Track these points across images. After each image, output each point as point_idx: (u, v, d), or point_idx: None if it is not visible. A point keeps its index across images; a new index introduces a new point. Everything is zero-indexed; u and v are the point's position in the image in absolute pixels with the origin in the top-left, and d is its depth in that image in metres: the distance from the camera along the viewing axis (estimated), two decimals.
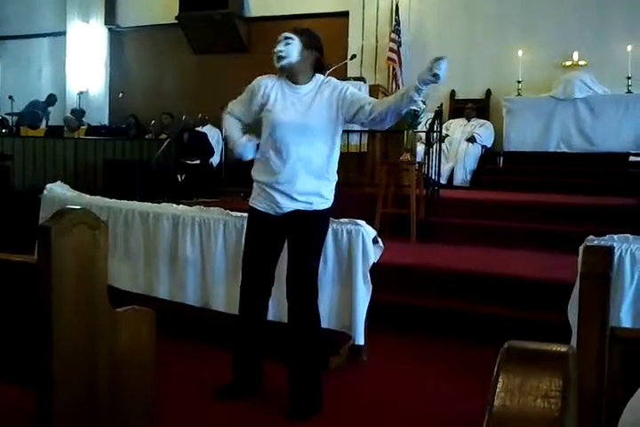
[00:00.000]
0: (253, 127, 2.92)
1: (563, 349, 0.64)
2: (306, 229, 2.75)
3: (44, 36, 11.81)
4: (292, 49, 2.66)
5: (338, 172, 2.84)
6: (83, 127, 9.68)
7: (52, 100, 10.26)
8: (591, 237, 2.94)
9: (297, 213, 2.73)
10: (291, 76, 2.74)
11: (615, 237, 2.96)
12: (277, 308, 3.19)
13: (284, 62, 2.67)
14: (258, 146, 2.84)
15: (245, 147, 2.81)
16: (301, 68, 2.72)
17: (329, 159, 2.74)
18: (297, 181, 2.70)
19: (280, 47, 2.67)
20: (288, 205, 2.73)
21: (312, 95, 2.72)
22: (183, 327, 3.64)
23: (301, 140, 2.67)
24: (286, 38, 2.68)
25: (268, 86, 2.77)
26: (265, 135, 2.77)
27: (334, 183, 2.83)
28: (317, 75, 2.78)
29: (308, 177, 2.70)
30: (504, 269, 4.14)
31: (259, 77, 2.83)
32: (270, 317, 3.04)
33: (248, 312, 2.88)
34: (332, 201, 2.81)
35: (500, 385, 0.61)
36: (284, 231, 2.78)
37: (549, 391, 0.60)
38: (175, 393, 2.86)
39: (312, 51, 2.72)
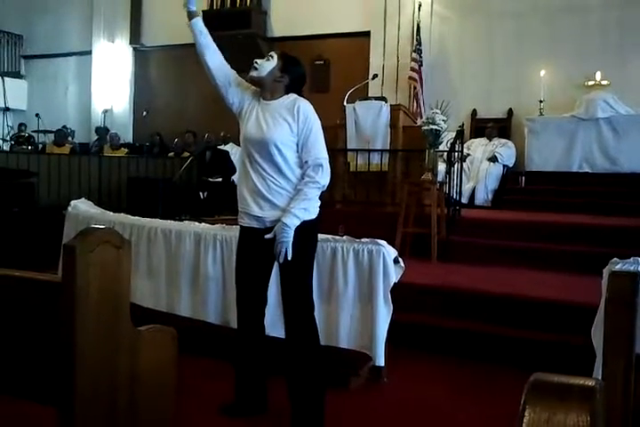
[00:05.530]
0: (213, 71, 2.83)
1: (590, 383, 0.63)
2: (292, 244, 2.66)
3: (70, 55, 12.06)
4: (266, 65, 2.75)
5: (357, 191, 2.82)
6: (123, 149, 9.65)
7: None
8: (615, 259, 2.90)
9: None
10: (261, 91, 2.80)
11: None
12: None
13: (253, 73, 2.76)
14: None
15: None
16: (268, 86, 2.77)
17: (294, 173, 2.71)
18: (265, 193, 2.69)
19: (258, 60, 2.78)
20: (266, 214, 2.71)
21: (278, 111, 2.73)
22: (204, 345, 3.64)
23: (264, 154, 2.69)
24: (269, 55, 2.79)
25: (251, 95, 2.83)
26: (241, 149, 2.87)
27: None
28: (292, 94, 2.78)
29: (276, 191, 2.69)
30: (525, 291, 4.10)
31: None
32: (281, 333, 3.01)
33: (245, 332, 2.89)
34: (314, 213, 2.74)
35: (526, 420, 0.60)
36: (272, 249, 2.69)
37: None
38: (192, 411, 2.86)
39: (285, 75, 2.76)
